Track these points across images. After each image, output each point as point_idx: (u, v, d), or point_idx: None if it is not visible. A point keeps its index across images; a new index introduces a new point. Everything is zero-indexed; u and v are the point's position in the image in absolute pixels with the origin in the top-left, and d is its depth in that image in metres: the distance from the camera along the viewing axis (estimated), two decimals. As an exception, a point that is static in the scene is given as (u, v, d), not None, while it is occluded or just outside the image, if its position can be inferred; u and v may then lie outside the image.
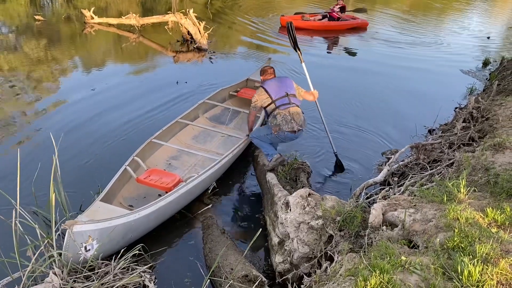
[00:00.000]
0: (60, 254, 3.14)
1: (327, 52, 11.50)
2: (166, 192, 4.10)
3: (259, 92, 4.70)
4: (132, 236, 3.67)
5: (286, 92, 4.63)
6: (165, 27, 10.39)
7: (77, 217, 3.50)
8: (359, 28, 13.15)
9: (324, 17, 13.26)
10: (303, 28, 12.54)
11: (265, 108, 4.69)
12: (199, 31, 9.91)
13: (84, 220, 3.29)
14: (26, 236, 3.22)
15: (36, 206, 3.75)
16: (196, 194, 4.43)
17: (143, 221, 3.65)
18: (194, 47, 9.89)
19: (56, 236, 3.39)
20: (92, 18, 10.91)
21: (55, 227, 3.25)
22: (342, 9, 13.20)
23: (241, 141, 5.13)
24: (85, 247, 3.20)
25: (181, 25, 9.97)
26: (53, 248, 3.17)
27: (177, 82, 7.62)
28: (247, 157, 5.51)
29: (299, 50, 5.47)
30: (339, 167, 5.47)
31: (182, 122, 5.49)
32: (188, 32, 10.00)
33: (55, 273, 3.04)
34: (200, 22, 10.01)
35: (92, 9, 11.00)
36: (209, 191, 4.66)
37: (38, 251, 3.10)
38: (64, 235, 3.14)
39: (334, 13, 13.08)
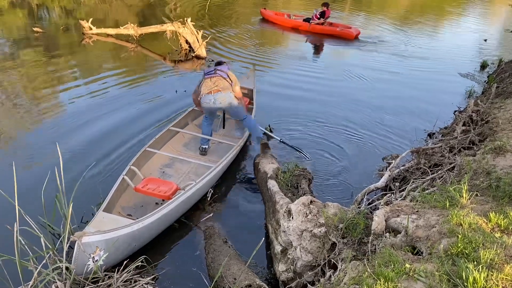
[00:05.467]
0: (67, 266, 3.14)
1: (317, 57, 11.60)
2: (163, 200, 4.17)
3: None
4: (136, 245, 3.69)
5: (215, 68, 5.28)
6: (164, 36, 10.42)
7: (85, 228, 3.51)
8: (343, 38, 12.98)
9: (306, 20, 13.53)
10: (277, 23, 13.97)
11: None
12: (197, 40, 9.93)
13: (92, 231, 3.31)
14: (28, 249, 3.20)
15: (34, 217, 3.74)
16: (194, 201, 4.48)
17: (146, 229, 3.68)
18: (192, 56, 9.91)
19: (57, 246, 3.39)
20: (91, 29, 10.94)
21: (60, 239, 3.25)
22: (322, 14, 13.34)
23: (234, 147, 5.22)
24: (93, 258, 3.21)
25: (179, 34, 10.00)
26: (60, 260, 3.17)
27: (176, 91, 7.63)
28: (246, 165, 5.51)
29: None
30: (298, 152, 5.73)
31: (173, 129, 5.58)
32: (187, 41, 10.03)
33: (57, 287, 3.02)
34: (198, 30, 10.04)
35: (90, 20, 11.03)
36: (209, 198, 4.67)
37: (41, 264, 3.08)
38: (68, 246, 3.15)
39: (314, 17, 13.44)
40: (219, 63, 5.48)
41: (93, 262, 3.21)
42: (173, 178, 4.91)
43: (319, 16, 13.39)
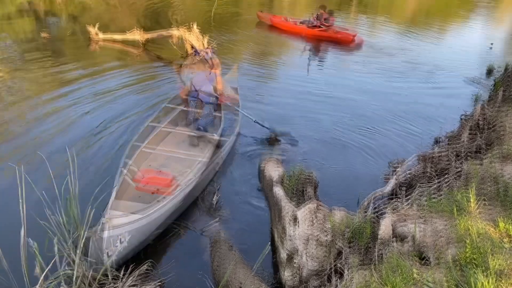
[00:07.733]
0: (77, 263, 3.16)
1: (318, 62, 11.57)
2: (164, 197, 4.32)
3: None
4: (149, 235, 3.83)
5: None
6: (169, 41, 10.46)
7: (99, 222, 3.51)
8: (340, 40, 12.90)
9: (303, 22, 13.56)
10: (274, 26, 14.05)
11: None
12: (203, 45, 9.97)
13: (119, 214, 3.45)
14: (35, 252, 3.21)
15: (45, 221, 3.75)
16: (195, 195, 4.67)
17: (159, 218, 3.85)
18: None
19: (71, 247, 3.39)
20: (97, 34, 11.01)
21: (71, 240, 3.28)
22: (319, 17, 13.34)
23: (226, 142, 5.45)
24: (120, 240, 3.33)
25: (185, 39, 10.05)
26: (74, 261, 3.18)
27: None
28: (251, 170, 5.50)
29: None
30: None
31: (164, 130, 5.79)
32: (192, 46, 10.06)
33: (63, 292, 3.02)
34: (204, 35, 10.09)
35: (97, 25, 11.11)
36: (214, 204, 4.67)
37: (48, 268, 3.08)
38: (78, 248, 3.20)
39: (312, 19, 13.44)
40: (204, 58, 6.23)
41: (120, 243, 3.32)
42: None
43: (316, 19, 13.41)
